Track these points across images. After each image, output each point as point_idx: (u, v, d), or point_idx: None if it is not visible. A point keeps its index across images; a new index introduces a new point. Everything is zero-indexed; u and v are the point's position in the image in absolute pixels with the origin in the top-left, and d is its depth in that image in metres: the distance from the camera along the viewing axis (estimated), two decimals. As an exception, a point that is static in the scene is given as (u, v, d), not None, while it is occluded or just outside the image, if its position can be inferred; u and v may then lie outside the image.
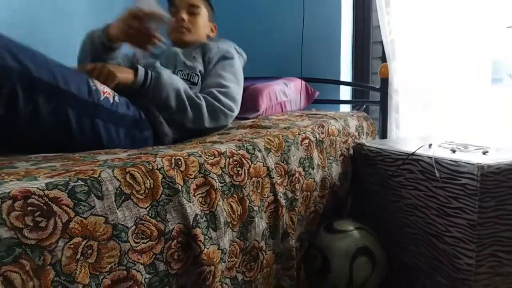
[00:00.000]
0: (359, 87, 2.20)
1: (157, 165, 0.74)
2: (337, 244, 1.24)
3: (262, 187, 1.01)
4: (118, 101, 1.09)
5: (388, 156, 1.33)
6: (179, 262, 0.74)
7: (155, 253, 0.70)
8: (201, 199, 0.82)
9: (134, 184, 0.69)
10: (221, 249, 0.83)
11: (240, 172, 0.94)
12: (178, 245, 0.74)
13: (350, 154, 1.50)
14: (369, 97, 2.18)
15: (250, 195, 0.95)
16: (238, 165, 0.94)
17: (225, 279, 0.85)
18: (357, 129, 1.64)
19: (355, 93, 2.26)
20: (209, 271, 0.78)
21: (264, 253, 0.99)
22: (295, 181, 1.15)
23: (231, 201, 0.90)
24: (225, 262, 0.84)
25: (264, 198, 1.02)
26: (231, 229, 0.89)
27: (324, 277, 1.23)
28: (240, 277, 0.90)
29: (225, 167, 0.90)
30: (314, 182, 1.25)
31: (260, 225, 0.98)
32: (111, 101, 1.07)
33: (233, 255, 0.88)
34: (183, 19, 1.56)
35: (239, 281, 0.90)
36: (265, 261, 0.99)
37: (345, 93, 2.22)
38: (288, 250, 1.08)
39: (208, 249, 0.79)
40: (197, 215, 0.78)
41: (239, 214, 0.91)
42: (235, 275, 0.89)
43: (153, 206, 0.71)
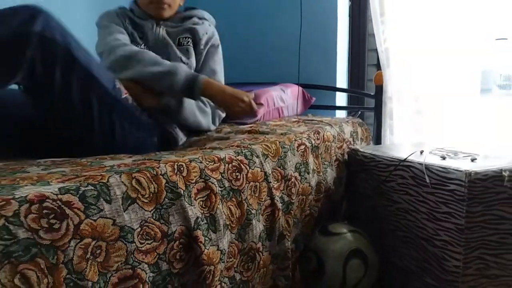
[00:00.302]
0: (354, 94, 2.25)
1: (161, 171, 0.79)
2: (331, 246, 1.28)
3: (259, 191, 1.06)
4: (135, 104, 1.16)
5: (381, 161, 1.38)
6: (181, 262, 0.79)
7: (159, 253, 0.75)
8: (201, 202, 0.86)
9: (140, 188, 0.74)
10: (220, 250, 0.88)
11: (239, 177, 0.99)
12: (180, 246, 0.79)
13: (345, 159, 1.55)
14: (364, 103, 2.23)
15: (248, 199, 1.00)
16: (236, 170, 0.99)
17: (224, 278, 0.89)
18: (352, 135, 1.69)
19: (350, 99, 2.31)
20: (209, 270, 0.83)
21: (261, 254, 1.03)
22: (291, 185, 1.19)
23: (230, 205, 0.95)
24: (224, 262, 0.89)
25: (262, 201, 1.06)
26: (230, 231, 0.93)
27: (319, 278, 1.27)
28: (238, 276, 0.95)
29: (224, 172, 0.95)
30: (309, 186, 1.30)
31: (257, 227, 1.02)
32: (130, 101, 1.13)
33: (231, 255, 0.93)
34: None
35: (237, 281, 0.94)
36: (261, 261, 1.04)
37: (341, 99, 2.27)
38: (284, 251, 1.12)
39: (208, 250, 0.84)
40: (198, 217, 0.83)
41: (237, 217, 0.96)
42: (233, 274, 0.93)
43: (157, 209, 0.76)
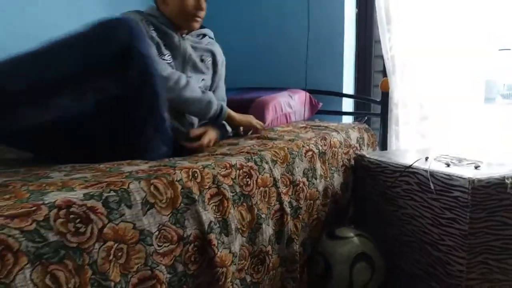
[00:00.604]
0: (361, 100, 2.28)
1: (177, 177, 0.83)
2: (338, 250, 1.32)
3: (269, 196, 1.10)
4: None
5: (386, 168, 1.41)
6: (195, 264, 0.83)
7: (175, 256, 0.79)
8: (215, 207, 0.90)
9: (157, 194, 0.78)
10: (232, 253, 0.92)
11: (249, 182, 1.03)
12: (195, 248, 0.83)
13: (351, 164, 1.58)
14: (370, 109, 2.27)
15: (258, 204, 1.04)
16: (247, 176, 1.03)
17: (235, 280, 0.93)
18: (358, 140, 1.72)
19: (357, 105, 2.34)
20: (222, 272, 0.87)
21: (270, 257, 1.07)
22: (299, 190, 1.23)
23: (241, 209, 0.99)
24: (235, 265, 0.93)
25: (271, 206, 1.10)
26: (241, 234, 0.97)
27: (326, 281, 1.31)
28: (248, 278, 0.99)
29: (235, 178, 0.99)
30: (317, 191, 1.33)
31: (267, 231, 1.06)
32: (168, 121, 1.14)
33: (242, 258, 0.97)
34: (203, 8, 1.41)
35: (247, 282, 0.98)
36: (271, 264, 1.07)
37: (348, 104, 2.30)
38: (292, 254, 1.16)
39: (221, 252, 0.88)
40: (211, 222, 0.87)
41: (248, 221, 1.00)
42: (244, 276, 0.97)
43: (173, 214, 0.80)
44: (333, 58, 2.22)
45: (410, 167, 1.32)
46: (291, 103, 1.95)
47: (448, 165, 1.30)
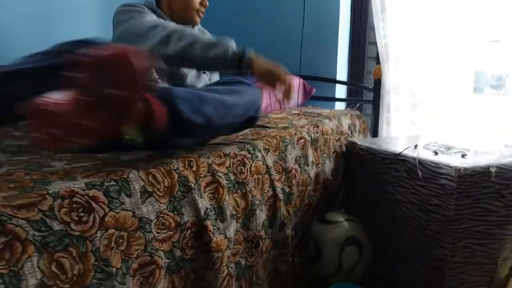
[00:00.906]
0: (353, 87, 2.31)
1: (173, 166, 0.86)
2: (328, 234, 1.36)
3: (262, 183, 1.13)
4: None
5: (377, 155, 1.45)
6: (192, 249, 0.87)
7: (173, 242, 0.83)
8: (210, 195, 0.94)
9: (155, 183, 0.81)
10: (227, 238, 0.96)
11: (243, 170, 1.06)
12: (192, 234, 0.87)
13: (343, 151, 1.62)
14: (363, 95, 2.30)
15: (252, 191, 1.08)
16: (241, 164, 1.07)
17: (230, 263, 0.98)
18: (350, 127, 1.76)
19: (350, 90, 2.37)
20: (217, 257, 0.91)
21: (263, 241, 1.11)
22: (291, 177, 1.27)
23: (236, 196, 1.02)
24: (230, 249, 0.97)
25: (264, 192, 1.14)
26: (235, 220, 1.01)
27: (317, 263, 1.36)
28: (243, 262, 1.03)
29: (230, 167, 1.02)
30: (309, 177, 1.37)
31: (260, 216, 1.10)
32: None
33: (237, 243, 1.01)
34: (206, 5, 1.46)
35: (242, 265, 1.02)
36: (264, 247, 1.12)
37: (341, 90, 2.33)
38: (284, 238, 1.20)
39: (217, 238, 0.92)
40: (207, 208, 0.91)
41: (242, 207, 1.04)
42: (239, 260, 1.02)
43: (171, 201, 0.84)
44: (327, 44, 2.23)
45: (400, 154, 1.36)
46: (284, 89, 1.97)
47: (436, 153, 1.34)
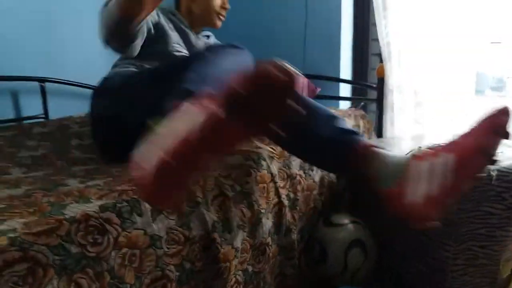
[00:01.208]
0: (357, 85, 2.32)
1: (183, 184, 0.90)
2: (334, 237, 1.40)
3: (267, 191, 1.17)
4: None
5: (380, 157, 1.48)
6: (201, 261, 0.91)
7: (183, 255, 0.87)
8: (217, 207, 0.98)
9: (165, 201, 0.85)
10: (235, 248, 1.00)
11: (249, 180, 1.10)
12: (200, 247, 0.91)
13: (347, 152, 1.64)
14: (367, 93, 2.31)
15: (257, 200, 1.11)
16: (246, 175, 1.10)
17: (238, 271, 1.02)
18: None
19: (354, 89, 2.38)
20: (225, 267, 0.95)
21: (270, 247, 1.15)
22: (296, 183, 1.30)
23: (242, 207, 1.06)
24: (238, 258, 1.01)
25: (270, 200, 1.17)
26: (242, 230, 1.05)
27: (322, 265, 1.40)
28: (250, 269, 1.07)
29: (236, 178, 1.06)
30: (313, 182, 1.41)
31: (266, 224, 1.14)
32: None
33: (244, 251, 1.05)
34: (228, 8, 1.49)
35: (249, 272, 1.07)
36: (271, 253, 1.16)
37: (345, 89, 2.34)
38: (290, 243, 1.24)
39: (224, 249, 0.96)
40: (214, 221, 0.95)
41: (248, 217, 1.07)
42: (246, 267, 1.06)
43: (180, 217, 0.88)
44: (330, 43, 2.24)
45: (402, 158, 1.39)
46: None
47: (438, 156, 1.36)
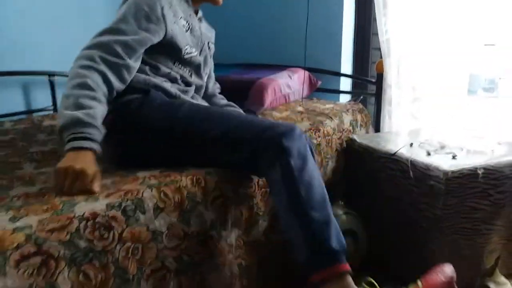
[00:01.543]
0: (357, 79, 2.36)
1: (183, 184, 0.97)
2: (327, 228, 1.47)
3: (268, 195, 1.23)
4: None
5: (373, 153, 1.54)
6: (198, 254, 0.99)
7: (182, 249, 0.95)
8: (216, 207, 1.05)
9: (167, 199, 0.93)
10: (230, 244, 1.08)
11: (250, 184, 1.17)
12: (198, 242, 0.99)
13: (343, 147, 1.70)
14: (367, 87, 2.35)
15: (258, 203, 1.19)
16: (248, 179, 1.17)
17: (233, 265, 1.10)
18: (351, 123, 1.83)
19: (354, 83, 2.42)
20: (221, 260, 1.03)
21: (264, 244, 1.23)
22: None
23: (242, 208, 1.14)
24: (232, 254, 1.09)
25: (268, 203, 1.24)
26: (237, 228, 1.12)
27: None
28: (244, 263, 1.15)
29: (235, 182, 1.13)
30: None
31: (263, 225, 1.22)
32: None
33: (238, 247, 1.13)
34: None
35: (243, 266, 1.14)
36: (265, 249, 1.23)
37: (346, 82, 2.38)
38: (285, 239, 1.30)
39: (220, 244, 1.04)
40: (212, 220, 1.03)
41: (245, 217, 1.15)
42: (241, 262, 1.13)
43: (180, 214, 0.95)
44: (332, 36, 2.28)
45: (394, 155, 1.45)
46: (290, 84, 2.04)
47: (429, 153, 1.43)
